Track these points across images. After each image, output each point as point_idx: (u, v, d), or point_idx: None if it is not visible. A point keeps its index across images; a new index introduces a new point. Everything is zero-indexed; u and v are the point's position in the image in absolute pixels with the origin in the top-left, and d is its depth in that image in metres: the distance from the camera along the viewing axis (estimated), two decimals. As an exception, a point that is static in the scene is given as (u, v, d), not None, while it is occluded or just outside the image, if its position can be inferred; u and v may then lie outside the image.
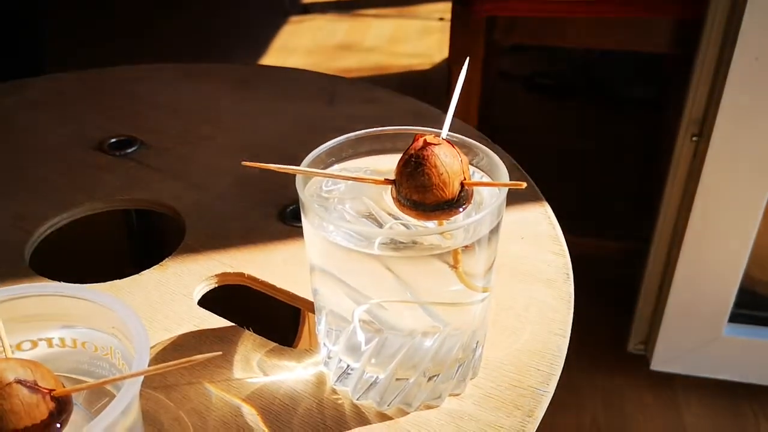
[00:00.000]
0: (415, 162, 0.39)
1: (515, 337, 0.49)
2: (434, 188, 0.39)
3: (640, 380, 1.43)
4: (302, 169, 0.41)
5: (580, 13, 1.35)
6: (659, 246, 1.35)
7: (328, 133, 0.74)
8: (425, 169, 0.39)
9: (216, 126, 0.74)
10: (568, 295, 0.52)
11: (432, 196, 0.39)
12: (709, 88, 1.17)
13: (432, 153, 0.39)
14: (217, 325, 0.49)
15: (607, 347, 1.49)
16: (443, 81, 1.49)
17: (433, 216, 0.40)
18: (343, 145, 0.44)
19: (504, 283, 0.53)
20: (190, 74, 0.84)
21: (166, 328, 0.49)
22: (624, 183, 1.92)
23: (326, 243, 0.40)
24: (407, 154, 0.39)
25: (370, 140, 0.45)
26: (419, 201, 0.39)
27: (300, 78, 0.84)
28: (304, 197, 0.40)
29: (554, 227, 0.59)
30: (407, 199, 0.39)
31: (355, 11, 3.03)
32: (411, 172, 0.39)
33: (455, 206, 0.39)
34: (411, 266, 0.40)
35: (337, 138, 0.44)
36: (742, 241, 1.26)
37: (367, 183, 0.41)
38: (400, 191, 0.40)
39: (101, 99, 0.79)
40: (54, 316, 0.39)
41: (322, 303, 0.43)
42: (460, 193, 0.39)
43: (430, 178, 0.39)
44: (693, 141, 1.22)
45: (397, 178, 0.40)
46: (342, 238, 0.39)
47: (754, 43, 1.08)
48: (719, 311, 1.34)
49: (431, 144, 0.39)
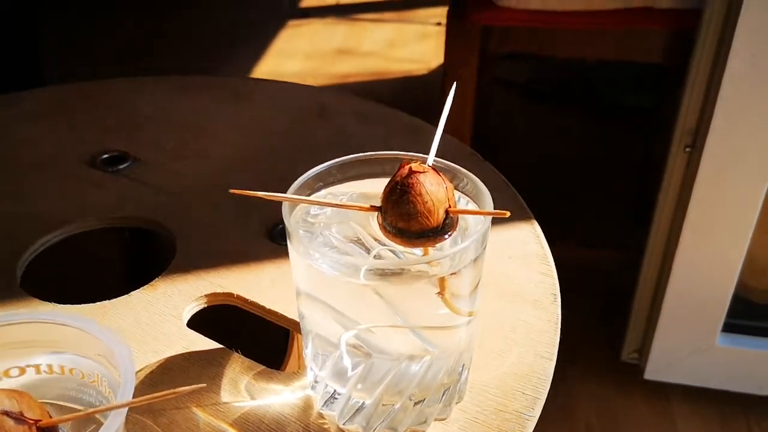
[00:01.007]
0: (400, 190, 0.39)
1: (501, 359, 0.49)
2: (419, 216, 0.39)
3: (633, 389, 1.43)
4: (289, 197, 0.41)
5: (575, 24, 1.36)
6: (653, 255, 1.35)
7: (320, 147, 0.75)
8: (410, 197, 0.39)
9: (209, 140, 0.74)
10: (555, 317, 0.53)
11: (417, 223, 0.39)
12: (702, 100, 1.17)
13: (417, 181, 0.39)
14: (206, 347, 0.50)
15: (600, 356, 1.49)
16: (440, 86, 1.49)
17: (418, 243, 0.40)
18: (331, 169, 0.45)
19: (491, 304, 0.53)
20: (187, 87, 0.85)
21: (155, 350, 0.49)
22: (619, 191, 1.92)
23: (312, 269, 0.40)
24: (393, 181, 0.40)
25: (358, 164, 0.45)
26: (404, 228, 0.40)
27: (291, 91, 0.85)
28: (289, 224, 0.40)
29: (542, 246, 0.60)
30: (392, 226, 0.40)
31: (353, 15, 3.03)
32: (396, 200, 0.39)
33: (440, 233, 0.40)
34: (398, 292, 0.40)
35: (325, 163, 0.44)
36: (735, 251, 1.26)
37: (354, 210, 0.42)
38: (385, 218, 0.40)
39: (97, 112, 0.79)
40: (42, 342, 0.39)
41: (308, 327, 0.44)
42: (445, 221, 0.40)
43: (415, 206, 0.39)
44: (686, 152, 1.22)
45: (382, 205, 0.40)
46: (328, 266, 0.39)
47: (747, 55, 1.08)
48: (713, 321, 1.34)
49: (416, 172, 0.39)
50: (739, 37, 1.07)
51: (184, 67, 2.55)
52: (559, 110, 2.26)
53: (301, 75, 2.58)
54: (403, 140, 0.75)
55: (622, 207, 1.86)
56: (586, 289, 1.58)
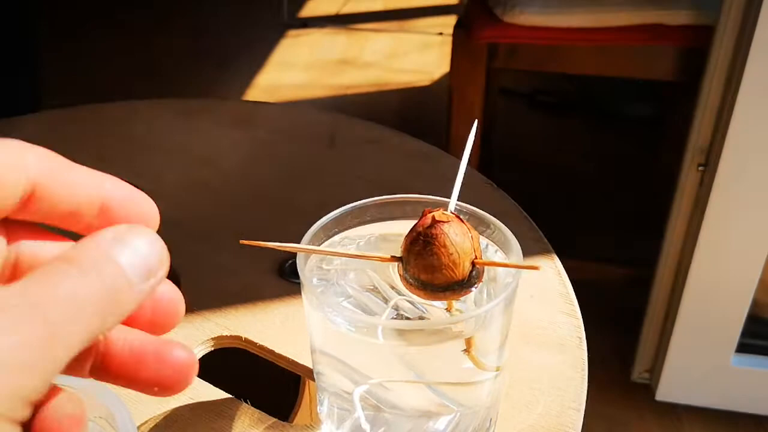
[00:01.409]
0: (423, 241, 0.36)
1: (528, 411, 0.46)
2: (444, 269, 0.36)
3: (645, 410, 1.40)
4: (304, 247, 0.38)
5: (582, 41, 1.33)
6: (665, 273, 1.33)
7: (329, 177, 0.72)
8: (434, 248, 0.36)
9: (212, 170, 0.72)
10: (581, 362, 0.50)
11: (442, 276, 0.36)
12: (715, 118, 1.15)
13: (441, 232, 0.36)
14: (214, 396, 0.47)
15: (611, 375, 1.47)
16: (444, 98, 1.47)
17: (442, 296, 0.37)
18: (347, 215, 0.42)
19: (514, 349, 0.51)
20: (187, 112, 0.82)
21: (159, 401, 0.46)
22: (625, 203, 1.89)
23: (327, 323, 0.37)
24: (415, 231, 0.37)
25: (376, 207, 0.43)
26: (428, 281, 0.37)
27: (299, 116, 0.82)
28: (304, 276, 0.37)
29: (565, 284, 0.57)
30: (415, 278, 0.37)
31: (353, 25, 3.01)
32: (419, 251, 0.37)
33: (466, 286, 0.37)
34: (420, 350, 0.37)
35: (340, 208, 0.42)
36: (750, 270, 1.24)
37: (374, 260, 0.39)
38: (407, 269, 0.37)
39: (95, 140, 0.77)
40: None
41: (324, 384, 0.41)
42: (471, 273, 0.37)
43: (439, 258, 0.36)
44: (699, 170, 1.20)
45: (404, 255, 0.38)
46: (343, 322, 0.37)
47: (762, 73, 1.06)
48: (727, 341, 1.31)
49: (440, 222, 0.37)
50: (754, 54, 1.05)
51: (184, 80, 2.53)
52: (565, 120, 2.24)
53: (301, 86, 2.55)
54: (414, 167, 0.72)
55: (630, 220, 1.83)
56: (594, 304, 1.55)
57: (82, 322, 0.21)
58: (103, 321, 0.22)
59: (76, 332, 0.21)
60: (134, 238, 0.24)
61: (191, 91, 2.44)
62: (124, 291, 0.23)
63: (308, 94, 2.51)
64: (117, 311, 0.23)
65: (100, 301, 0.22)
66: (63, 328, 0.21)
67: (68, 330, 0.21)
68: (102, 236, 0.24)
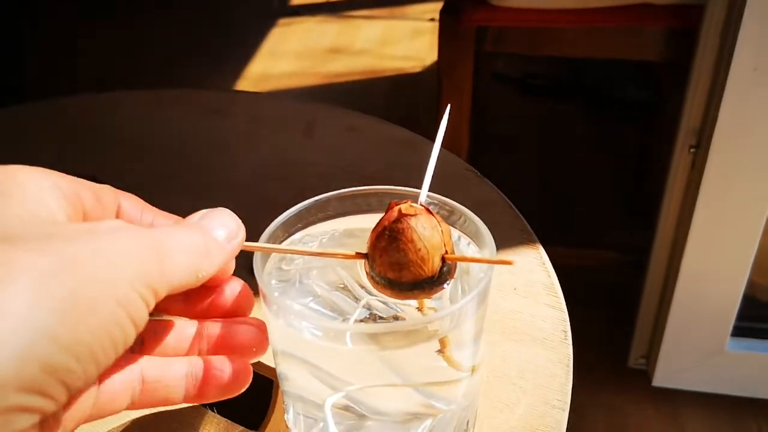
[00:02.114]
0: (389, 236, 0.34)
1: (509, 411, 0.44)
2: (411, 265, 0.34)
3: (642, 396, 1.39)
4: (260, 246, 0.36)
5: (571, 22, 1.31)
6: (658, 258, 1.31)
7: (306, 168, 0.70)
8: (401, 244, 0.34)
9: (183, 162, 0.69)
10: (566, 358, 0.47)
11: (409, 273, 0.34)
12: (706, 99, 1.13)
13: (408, 226, 0.34)
14: (177, 405, 0.44)
15: (607, 362, 1.45)
16: (436, 84, 1.44)
17: (411, 295, 0.35)
18: (309, 209, 0.39)
19: (496, 345, 0.48)
20: (159, 102, 0.79)
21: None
22: (618, 187, 1.87)
23: (290, 330, 0.35)
24: (380, 226, 0.35)
25: (339, 201, 0.40)
26: (395, 279, 0.34)
27: (277, 106, 0.80)
28: (261, 280, 0.35)
29: (549, 275, 0.54)
30: (381, 276, 0.35)
31: (344, 13, 2.98)
32: (385, 248, 0.34)
33: (436, 283, 0.35)
34: (391, 352, 0.35)
35: (302, 203, 0.39)
36: (744, 253, 1.22)
37: (338, 258, 0.36)
38: (373, 267, 0.35)
39: (61, 134, 0.74)
40: None
41: (290, 389, 0.38)
42: (441, 269, 0.35)
43: (406, 254, 0.34)
44: (691, 152, 1.18)
45: (369, 252, 0.35)
46: (307, 329, 0.34)
47: (752, 53, 1.04)
48: (722, 325, 1.30)
49: (407, 215, 0.34)
50: (743, 34, 1.03)
51: (172, 70, 2.50)
52: (556, 105, 2.22)
53: (292, 75, 2.53)
54: (396, 157, 0.70)
55: (623, 204, 1.81)
56: (589, 291, 1.54)
57: (185, 257, 0.29)
58: (200, 263, 0.30)
59: (180, 262, 0.29)
60: (215, 213, 0.33)
61: (180, 83, 2.41)
62: (214, 245, 0.31)
63: (299, 83, 2.48)
64: (209, 260, 0.30)
65: (198, 249, 0.30)
66: (172, 256, 0.28)
67: (176, 259, 0.28)
68: (192, 216, 0.33)
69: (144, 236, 0.28)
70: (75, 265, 0.24)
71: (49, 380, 0.23)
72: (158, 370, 0.32)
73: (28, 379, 0.22)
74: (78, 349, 0.24)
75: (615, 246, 1.64)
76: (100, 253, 0.25)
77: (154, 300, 0.27)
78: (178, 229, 0.30)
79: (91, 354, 0.24)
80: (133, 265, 0.26)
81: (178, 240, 0.29)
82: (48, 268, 0.24)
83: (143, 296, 0.26)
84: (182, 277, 0.29)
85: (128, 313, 0.25)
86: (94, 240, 0.26)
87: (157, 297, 0.27)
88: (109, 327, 0.25)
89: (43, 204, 0.28)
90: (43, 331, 0.23)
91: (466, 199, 0.40)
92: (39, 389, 0.23)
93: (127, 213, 0.34)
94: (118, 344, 0.26)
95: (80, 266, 0.24)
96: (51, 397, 0.23)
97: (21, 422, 0.23)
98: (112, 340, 0.25)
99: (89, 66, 2.51)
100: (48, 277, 0.23)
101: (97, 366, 0.25)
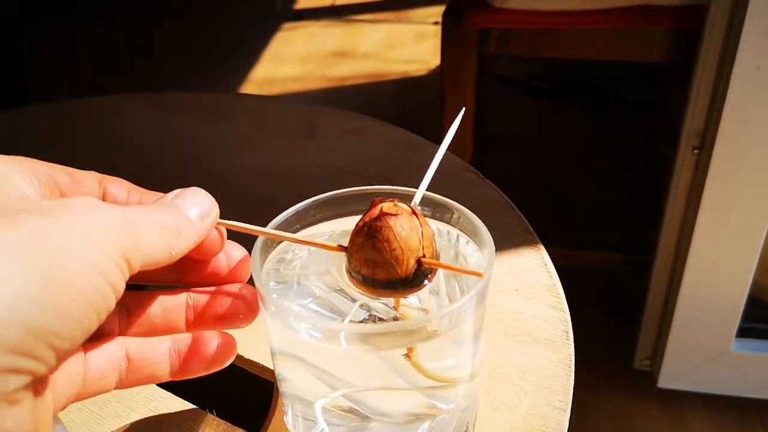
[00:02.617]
0: (367, 233, 0.34)
1: (510, 413, 0.44)
2: (385, 264, 0.34)
3: (647, 398, 1.38)
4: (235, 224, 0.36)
5: (574, 24, 1.30)
6: (663, 259, 1.31)
7: (307, 169, 0.70)
8: (376, 242, 0.34)
9: (184, 164, 0.69)
10: (568, 358, 0.47)
11: (382, 272, 0.34)
12: (709, 100, 1.13)
13: (386, 225, 0.34)
14: (177, 407, 0.44)
15: (612, 363, 1.45)
16: (439, 90, 1.44)
17: (384, 293, 0.35)
18: (309, 209, 0.39)
19: (497, 346, 0.48)
20: (161, 106, 0.79)
21: (117, 414, 0.44)
22: (623, 188, 1.87)
23: (288, 331, 0.35)
24: (361, 221, 0.35)
25: (338, 201, 0.40)
26: (368, 276, 0.34)
27: (279, 108, 0.80)
28: (260, 280, 0.35)
29: (551, 275, 0.54)
30: (356, 272, 0.35)
31: (348, 17, 2.98)
32: (362, 244, 0.34)
33: (409, 285, 0.34)
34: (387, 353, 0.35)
35: (301, 203, 0.39)
36: (748, 254, 1.22)
37: (320, 248, 0.36)
38: (350, 262, 0.35)
39: (63, 137, 0.74)
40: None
41: (288, 390, 0.38)
42: (416, 271, 0.34)
43: (381, 253, 0.34)
44: (694, 153, 1.18)
45: (348, 246, 0.35)
46: (304, 329, 0.34)
47: (755, 53, 1.04)
48: (727, 325, 1.30)
49: (387, 214, 0.34)
50: (746, 34, 1.03)
51: (177, 75, 2.50)
52: (561, 106, 2.22)
53: (297, 79, 2.53)
54: (398, 158, 0.70)
55: (628, 205, 1.81)
56: (594, 292, 1.53)
57: (156, 234, 0.29)
58: (171, 241, 0.30)
59: (151, 238, 0.29)
60: (188, 192, 0.33)
61: (184, 86, 2.41)
62: (185, 223, 0.31)
63: (304, 87, 2.49)
64: (181, 237, 0.31)
65: (167, 225, 0.30)
66: (143, 231, 0.29)
67: (147, 234, 0.29)
68: (167, 195, 0.33)
69: (115, 211, 0.28)
70: (48, 235, 0.25)
71: (37, 343, 0.24)
72: (142, 347, 0.33)
73: (16, 341, 0.23)
74: (60, 312, 0.25)
75: (619, 247, 1.64)
76: (72, 225, 0.26)
77: (128, 270, 0.28)
78: (150, 208, 0.31)
79: (73, 318, 0.25)
80: (104, 235, 0.27)
81: (149, 217, 0.30)
82: (21, 239, 0.24)
83: (118, 264, 0.27)
84: (154, 253, 0.29)
85: (105, 278, 0.26)
86: (65, 213, 0.26)
87: (131, 269, 0.28)
88: (86, 291, 0.25)
89: (14, 186, 0.29)
90: (25, 296, 0.24)
91: (468, 199, 0.40)
92: (28, 351, 0.24)
93: (113, 196, 0.34)
94: (100, 309, 0.26)
95: (53, 237, 0.25)
96: (40, 359, 0.24)
97: (12, 383, 0.24)
98: (92, 305, 0.26)
99: (90, 68, 2.52)
100: (22, 247, 0.24)
101: (81, 330, 0.26)
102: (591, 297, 1.51)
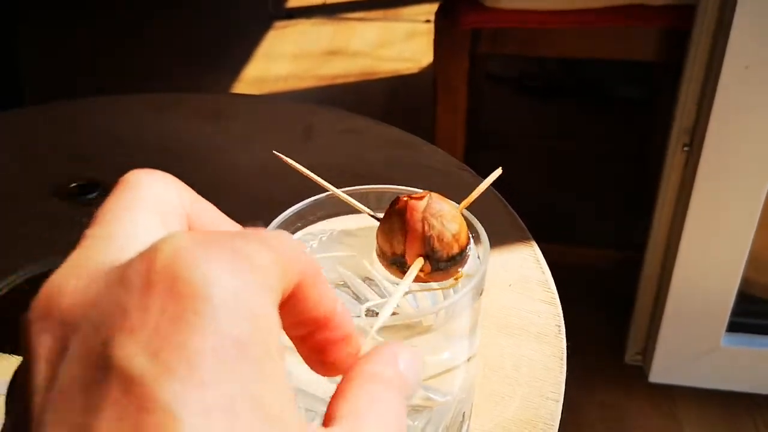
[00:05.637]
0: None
1: (504, 404, 0.45)
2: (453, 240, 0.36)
3: (638, 392, 1.40)
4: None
5: (566, 23, 1.32)
6: (653, 255, 1.32)
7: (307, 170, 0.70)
8: (443, 220, 0.35)
9: (182, 164, 0.70)
10: (560, 351, 0.49)
11: (448, 247, 0.36)
12: (698, 98, 1.15)
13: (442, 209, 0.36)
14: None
15: (604, 358, 1.46)
16: (432, 85, 1.46)
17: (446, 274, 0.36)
18: (310, 208, 0.41)
19: (491, 339, 0.50)
20: (159, 106, 0.80)
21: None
22: (616, 187, 1.89)
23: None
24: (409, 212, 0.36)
25: (340, 200, 0.41)
26: (438, 250, 0.35)
27: (275, 108, 0.81)
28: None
29: (543, 271, 0.56)
30: (433, 250, 0.35)
31: (340, 15, 2.99)
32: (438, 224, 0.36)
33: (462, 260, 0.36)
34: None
35: (302, 202, 0.40)
36: (738, 249, 1.23)
37: (363, 213, 0.38)
38: (399, 244, 0.36)
39: (62, 136, 0.75)
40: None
41: (292, 383, 0.39)
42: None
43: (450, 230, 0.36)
44: (684, 150, 1.19)
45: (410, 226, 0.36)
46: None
47: (743, 52, 1.05)
48: (717, 320, 1.31)
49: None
50: (735, 33, 1.04)
51: (169, 75, 2.51)
52: (552, 104, 2.23)
53: (288, 78, 2.53)
54: (394, 157, 0.71)
55: (619, 202, 1.83)
56: (585, 288, 1.55)
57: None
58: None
59: None
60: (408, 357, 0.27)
61: (177, 85, 2.42)
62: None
63: (296, 86, 2.49)
64: None
65: (404, 407, 0.25)
66: None
67: None
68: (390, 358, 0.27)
69: None
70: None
71: None
72: None
73: None
74: None
75: (611, 243, 1.65)
76: None
77: None
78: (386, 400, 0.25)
79: None
80: None
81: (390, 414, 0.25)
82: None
83: None
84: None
85: None
86: None
87: None
88: None
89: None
90: None
91: (461, 197, 0.41)
92: None
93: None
94: None
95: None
96: None
97: None
98: None
99: (84, 68, 2.52)
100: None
101: None
102: (583, 292, 1.53)
